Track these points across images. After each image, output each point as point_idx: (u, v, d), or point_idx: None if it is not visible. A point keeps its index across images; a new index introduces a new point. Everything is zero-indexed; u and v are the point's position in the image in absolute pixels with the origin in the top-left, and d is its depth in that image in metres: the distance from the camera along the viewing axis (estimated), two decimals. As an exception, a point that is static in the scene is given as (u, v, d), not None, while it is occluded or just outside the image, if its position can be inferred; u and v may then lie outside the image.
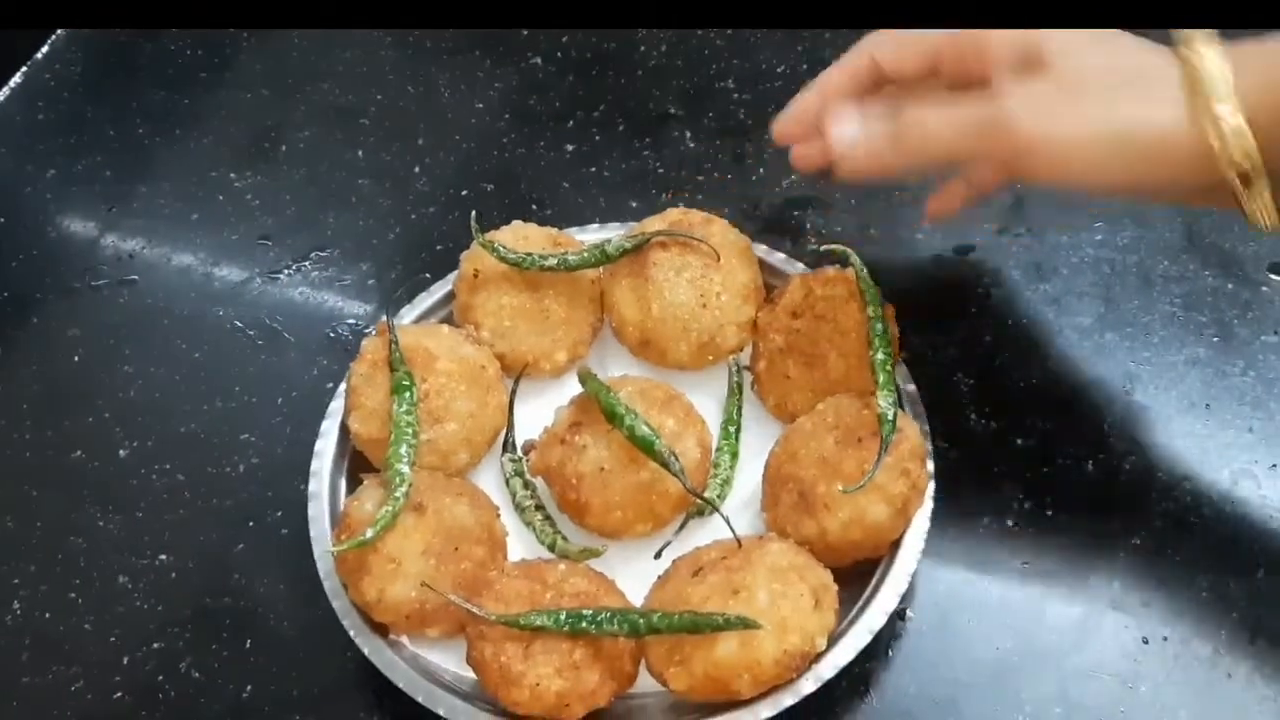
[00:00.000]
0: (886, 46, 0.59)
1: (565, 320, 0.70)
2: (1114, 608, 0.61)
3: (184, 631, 0.67)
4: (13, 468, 0.75)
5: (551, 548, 0.64)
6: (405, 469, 0.61)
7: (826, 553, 0.60)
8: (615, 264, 0.70)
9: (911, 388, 0.66)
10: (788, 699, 0.56)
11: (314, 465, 0.67)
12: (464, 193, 0.85)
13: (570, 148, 0.87)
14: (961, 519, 0.65)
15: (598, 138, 0.87)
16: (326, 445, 0.68)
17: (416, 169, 0.87)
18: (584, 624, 0.56)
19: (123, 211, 0.87)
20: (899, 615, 0.60)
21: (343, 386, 0.69)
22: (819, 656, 0.57)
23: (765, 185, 0.82)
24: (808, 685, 0.57)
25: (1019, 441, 0.68)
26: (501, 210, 0.80)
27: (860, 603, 0.60)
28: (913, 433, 0.61)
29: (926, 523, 0.61)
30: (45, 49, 0.98)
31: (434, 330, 0.69)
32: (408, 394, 0.64)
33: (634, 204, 0.82)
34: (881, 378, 0.62)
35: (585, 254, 0.69)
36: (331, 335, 0.79)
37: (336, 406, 0.69)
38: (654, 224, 0.70)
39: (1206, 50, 0.51)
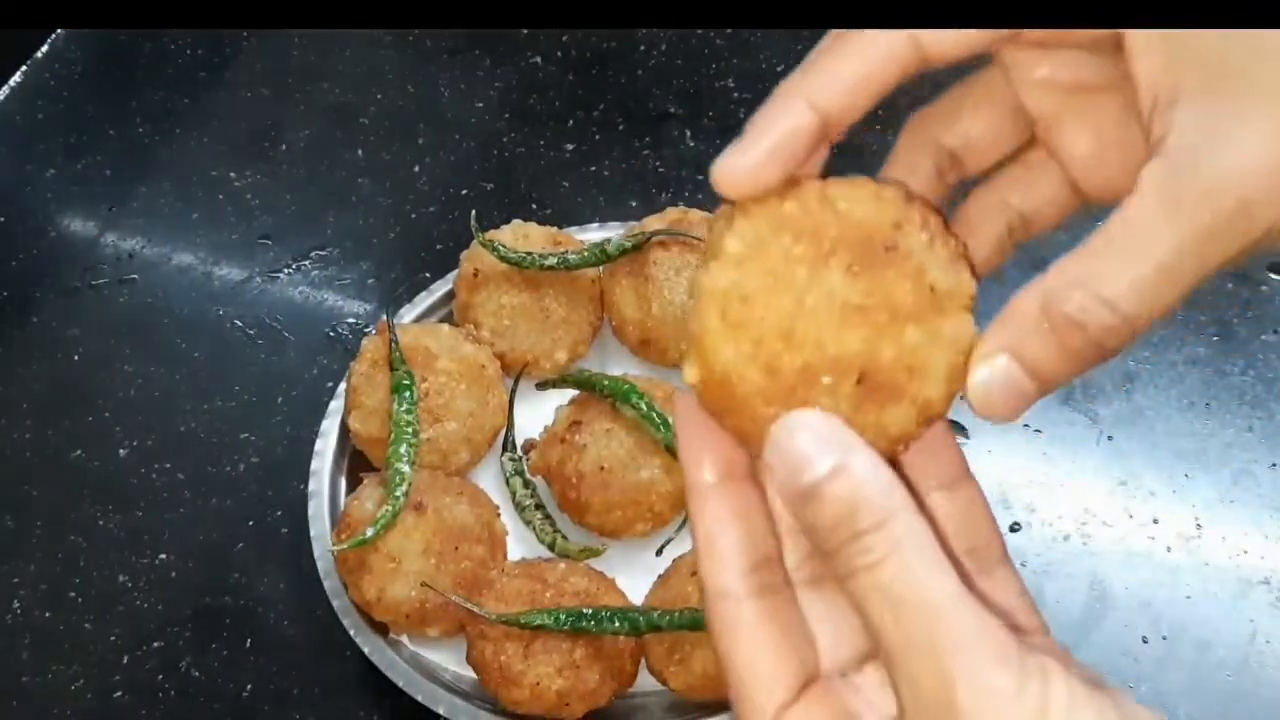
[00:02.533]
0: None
1: (565, 320, 0.70)
2: (1114, 608, 0.61)
3: (184, 631, 0.67)
4: (13, 467, 0.75)
5: (551, 547, 0.64)
6: (405, 468, 0.61)
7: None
8: (615, 264, 0.70)
9: (911, 387, 0.66)
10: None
11: (314, 465, 0.67)
12: (464, 192, 0.85)
13: (570, 148, 0.87)
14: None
15: (598, 138, 0.87)
16: (326, 445, 0.68)
17: (416, 169, 0.87)
18: (584, 623, 0.56)
19: (123, 211, 0.87)
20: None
21: (343, 386, 0.69)
22: (819, 656, 0.57)
23: (765, 185, 0.82)
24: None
25: (1018, 440, 0.68)
26: (501, 210, 0.80)
27: (860, 602, 0.60)
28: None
29: (926, 522, 0.61)
30: (45, 49, 0.98)
31: (434, 329, 0.69)
32: (408, 393, 0.64)
33: (634, 204, 0.82)
34: None
35: (585, 254, 0.69)
36: (331, 335, 0.79)
37: (336, 406, 0.69)
38: (654, 224, 0.70)
39: None
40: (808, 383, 0.32)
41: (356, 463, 0.68)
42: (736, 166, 0.32)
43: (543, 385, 0.68)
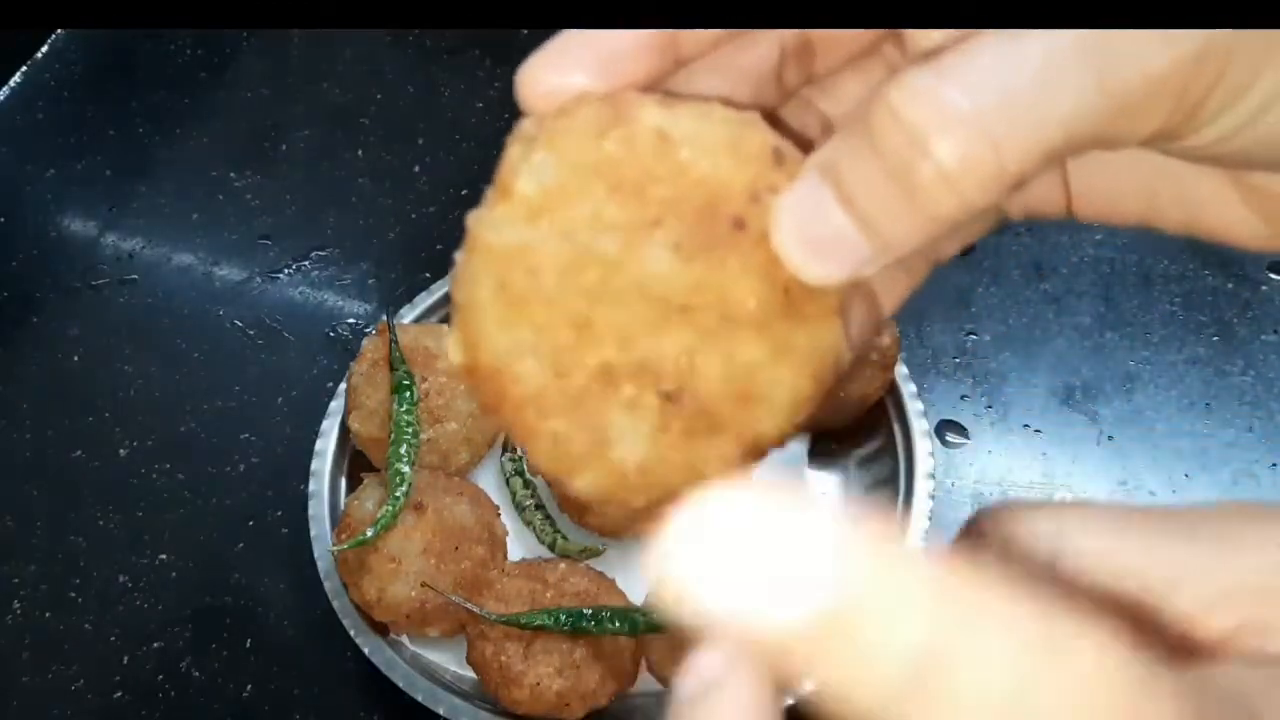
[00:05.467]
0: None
1: (565, 320, 0.70)
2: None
3: (184, 631, 0.67)
4: (13, 467, 0.75)
5: (551, 547, 0.64)
6: (405, 468, 0.61)
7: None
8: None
9: (912, 387, 0.66)
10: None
11: (314, 465, 0.67)
12: (464, 193, 0.85)
13: (570, 148, 0.86)
14: (961, 519, 0.65)
15: (598, 138, 0.87)
16: (326, 445, 0.68)
17: (416, 169, 0.87)
18: (584, 623, 0.56)
19: (123, 211, 0.87)
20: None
21: (343, 386, 0.69)
22: (819, 656, 0.57)
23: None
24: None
25: (1018, 440, 0.68)
26: (501, 210, 0.80)
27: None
28: None
29: (925, 522, 0.61)
30: (45, 49, 0.98)
31: (434, 330, 0.69)
32: (408, 393, 0.64)
33: (634, 204, 0.82)
34: None
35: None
36: (331, 335, 0.79)
37: (336, 406, 0.69)
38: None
39: None
40: (602, 391, 0.23)
41: (356, 463, 0.68)
42: (544, 66, 0.25)
43: None
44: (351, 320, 0.79)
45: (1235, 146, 0.23)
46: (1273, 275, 0.73)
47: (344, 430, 0.67)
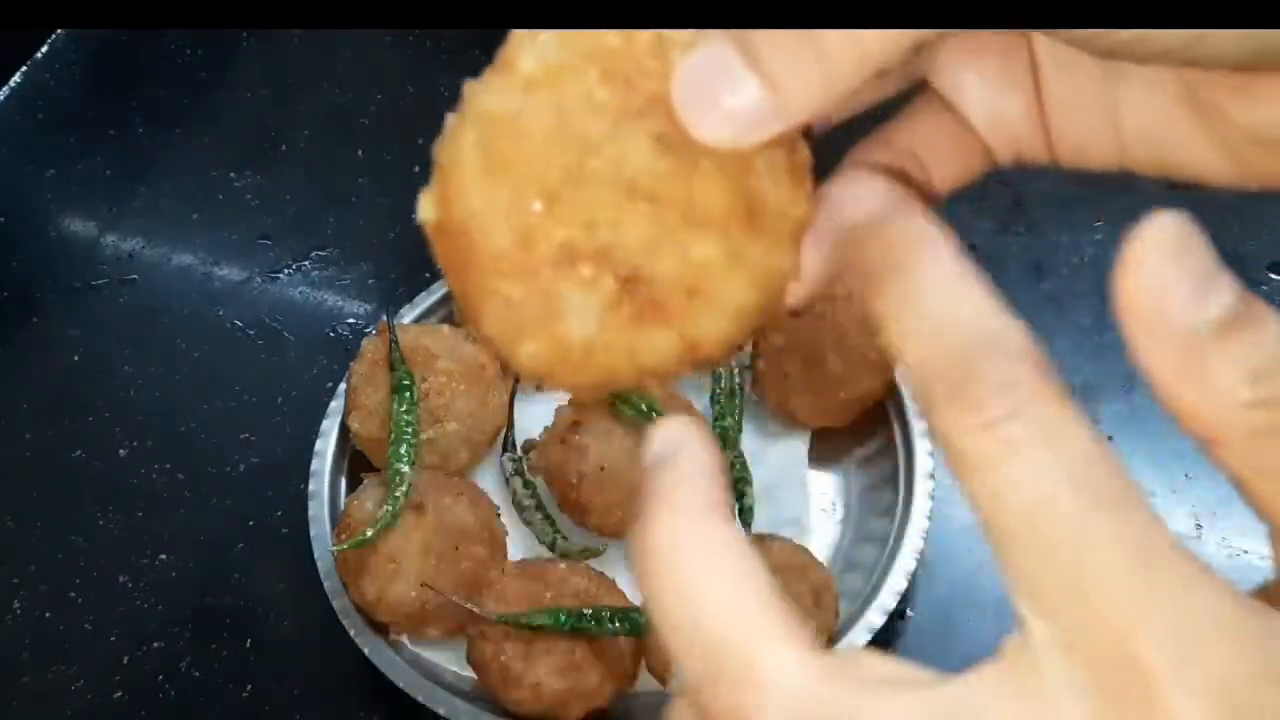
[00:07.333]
0: None
1: (565, 320, 0.70)
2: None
3: (184, 631, 0.67)
4: (13, 468, 0.75)
5: (551, 547, 0.64)
6: (405, 468, 0.61)
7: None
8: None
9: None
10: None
11: (314, 465, 0.67)
12: (464, 193, 0.85)
13: (570, 148, 0.86)
14: (961, 519, 0.65)
15: (598, 138, 0.87)
16: (326, 445, 0.68)
17: (416, 169, 0.87)
18: (584, 623, 0.56)
19: (123, 211, 0.87)
20: (899, 615, 0.60)
21: (343, 386, 0.69)
22: (819, 656, 0.57)
23: (765, 185, 0.82)
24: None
25: (1019, 441, 0.68)
26: (501, 210, 0.80)
27: (860, 602, 0.60)
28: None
29: (925, 522, 0.61)
30: (45, 49, 0.98)
31: (434, 330, 0.69)
32: (408, 393, 0.64)
33: (634, 204, 0.82)
34: None
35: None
36: (331, 335, 0.79)
37: (336, 406, 0.69)
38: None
39: None
40: (561, 266, 0.24)
41: (356, 463, 0.68)
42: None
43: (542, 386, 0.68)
44: (351, 320, 0.79)
45: (1180, 38, 0.24)
46: (1273, 275, 0.73)
47: (344, 430, 0.67)
